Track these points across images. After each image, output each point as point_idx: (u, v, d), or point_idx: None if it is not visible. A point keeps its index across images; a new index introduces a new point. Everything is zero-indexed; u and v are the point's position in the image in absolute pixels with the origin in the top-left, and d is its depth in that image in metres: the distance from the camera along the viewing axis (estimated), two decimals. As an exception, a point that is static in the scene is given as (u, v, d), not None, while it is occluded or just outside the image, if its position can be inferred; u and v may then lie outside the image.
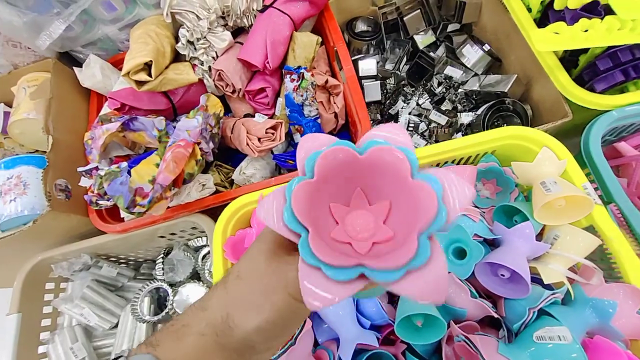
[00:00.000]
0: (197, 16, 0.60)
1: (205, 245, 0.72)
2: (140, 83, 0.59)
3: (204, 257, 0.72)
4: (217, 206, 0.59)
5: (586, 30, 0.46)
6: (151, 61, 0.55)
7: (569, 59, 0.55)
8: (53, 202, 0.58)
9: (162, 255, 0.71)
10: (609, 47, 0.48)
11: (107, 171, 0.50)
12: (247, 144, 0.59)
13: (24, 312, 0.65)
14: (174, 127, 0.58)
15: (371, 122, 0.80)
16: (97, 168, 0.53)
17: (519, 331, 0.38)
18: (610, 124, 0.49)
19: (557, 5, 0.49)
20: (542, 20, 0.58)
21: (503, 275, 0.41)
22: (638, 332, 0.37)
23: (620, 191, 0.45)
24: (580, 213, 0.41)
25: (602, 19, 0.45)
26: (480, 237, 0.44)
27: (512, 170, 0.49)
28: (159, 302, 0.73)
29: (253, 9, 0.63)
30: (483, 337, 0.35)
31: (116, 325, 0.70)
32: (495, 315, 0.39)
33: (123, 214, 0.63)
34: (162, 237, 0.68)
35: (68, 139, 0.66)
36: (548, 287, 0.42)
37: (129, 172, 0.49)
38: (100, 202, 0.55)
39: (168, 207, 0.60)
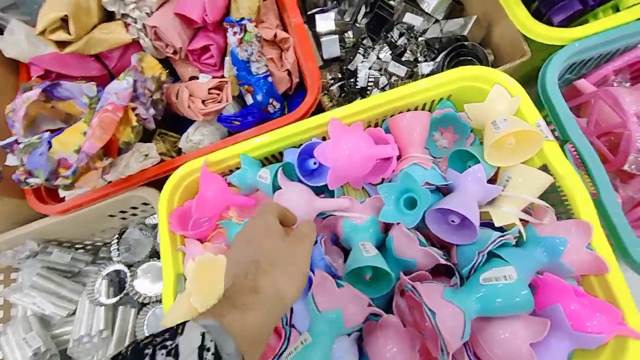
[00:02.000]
0: (120, -35, 0.53)
1: (163, 222, 0.69)
2: (62, 44, 0.52)
3: (163, 234, 0.68)
4: (166, 177, 0.55)
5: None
6: (66, 16, 0.48)
7: (527, -7, 0.52)
8: (-19, 184, 0.53)
9: (116, 236, 0.67)
10: (565, -27, 0.44)
11: (27, 143, 0.45)
12: (189, 107, 0.54)
13: (-28, 305, 0.61)
14: (108, 94, 0.53)
15: (331, 79, 0.76)
16: (16, 141, 0.48)
17: (469, 276, 0.37)
18: (569, 57, 0.46)
19: None
20: (500, -46, 0.54)
21: (453, 222, 0.39)
22: (588, 266, 0.36)
23: (575, 129, 0.43)
24: (531, 150, 0.39)
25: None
26: (433, 184, 0.42)
27: (467, 114, 0.46)
28: (120, 284, 0.69)
29: (185, -45, 0.56)
30: (428, 284, 0.34)
31: (75, 313, 0.67)
32: (443, 262, 0.37)
33: (62, 193, 0.58)
34: (112, 216, 0.63)
35: (-6, 117, 0.60)
36: (501, 230, 0.41)
37: (50, 142, 0.44)
38: (29, 180, 0.50)
39: (109, 182, 0.56)
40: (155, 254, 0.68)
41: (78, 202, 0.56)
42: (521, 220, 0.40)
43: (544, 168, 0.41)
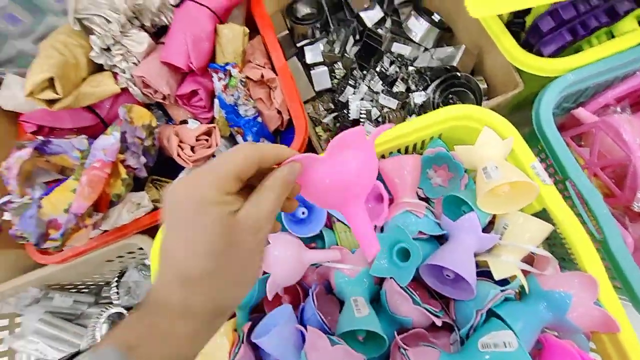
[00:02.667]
0: (106, 19, 0.54)
1: (161, 264, 0.69)
2: (52, 102, 0.53)
3: (161, 275, 0.68)
4: (159, 224, 0.55)
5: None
6: (52, 77, 0.49)
7: (516, 22, 0.50)
8: (-20, 240, 0.54)
9: (115, 279, 0.68)
10: (552, 5, 0.42)
11: (19, 204, 0.45)
12: (179, 155, 0.54)
13: (-23, 355, 0.62)
14: (100, 145, 0.53)
15: (324, 110, 0.75)
16: (10, 201, 0.48)
17: (468, 335, 0.35)
18: (563, 90, 0.44)
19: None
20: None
21: (448, 276, 0.37)
22: (596, 323, 0.33)
23: (574, 166, 0.41)
24: (526, 199, 0.37)
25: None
26: (427, 234, 0.40)
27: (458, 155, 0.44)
28: (122, 326, 0.69)
29: (169, 4, 0.57)
30: (423, 349, 0.32)
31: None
32: (439, 323, 0.35)
33: (59, 243, 0.59)
34: (110, 260, 0.64)
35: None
36: (503, 281, 0.39)
37: (40, 204, 0.44)
38: (25, 235, 0.51)
39: (104, 231, 0.56)
40: (154, 296, 0.68)
41: (76, 252, 0.56)
42: (523, 270, 0.37)
43: (544, 212, 0.38)
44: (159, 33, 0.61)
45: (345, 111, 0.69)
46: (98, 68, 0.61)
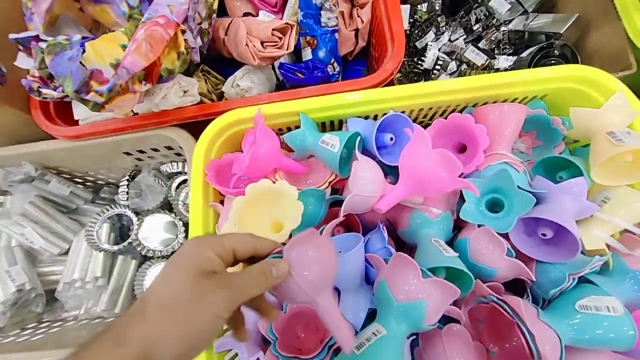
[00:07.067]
0: None
1: (180, 173, 0.62)
2: None
3: (178, 186, 0.61)
4: (200, 122, 0.48)
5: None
6: None
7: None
8: (-22, 84, 0.44)
9: (127, 177, 0.60)
10: None
11: (52, 42, 0.36)
12: (247, 45, 0.46)
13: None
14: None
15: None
16: (37, 38, 0.39)
17: (552, 299, 0.33)
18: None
19: None
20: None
21: (544, 235, 0.34)
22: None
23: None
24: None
25: None
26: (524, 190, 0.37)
27: (564, 121, 0.41)
28: (122, 231, 0.63)
29: None
30: (524, 302, 0.29)
31: (67, 252, 0.60)
32: (533, 279, 0.33)
33: (78, 114, 0.50)
34: (127, 153, 0.56)
35: (2, 8, 0.50)
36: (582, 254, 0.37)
37: (83, 47, 0.36)
38: (43, 90, 0.42)
39: (135, 114, 0.48)
40: (166, 206, 0.62)
41: (95, 130, 0.48)
42: (607, 246, 0.36)
43: (645, 195, 0.37)
44: None
45: (416, 59, 0.64)
46: None
